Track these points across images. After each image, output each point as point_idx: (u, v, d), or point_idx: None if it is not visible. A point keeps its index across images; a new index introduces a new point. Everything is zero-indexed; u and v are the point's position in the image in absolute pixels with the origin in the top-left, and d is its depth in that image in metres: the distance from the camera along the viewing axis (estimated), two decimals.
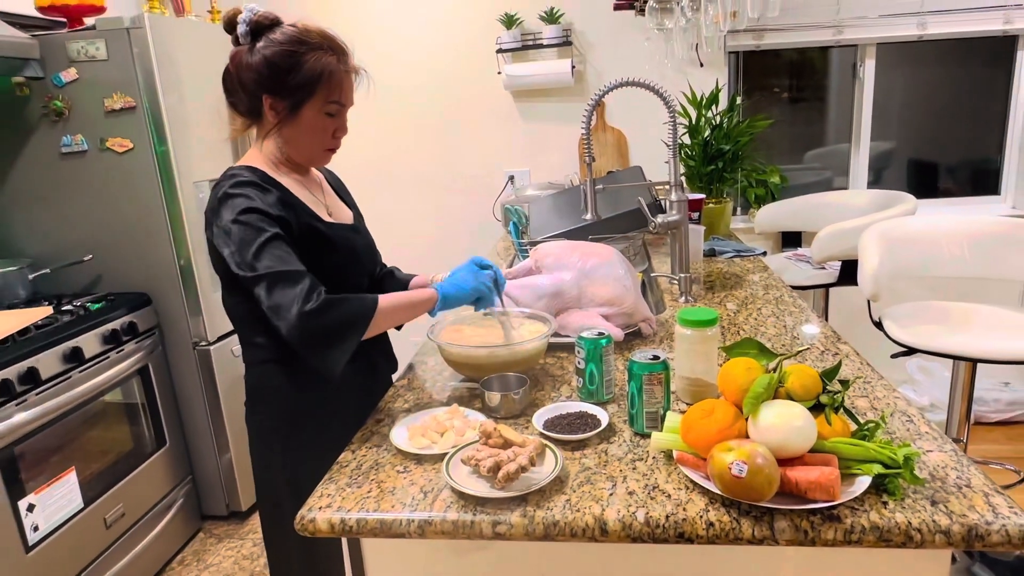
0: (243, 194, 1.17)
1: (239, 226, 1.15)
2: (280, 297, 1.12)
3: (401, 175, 3.26)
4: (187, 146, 2.34)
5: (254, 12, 1.21)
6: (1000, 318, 2.00)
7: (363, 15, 3.10)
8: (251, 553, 2.44)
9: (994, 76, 3.03)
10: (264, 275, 1.12)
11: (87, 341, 2.08)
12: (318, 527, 0.92)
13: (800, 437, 0.88)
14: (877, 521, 0.82)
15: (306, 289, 1.12)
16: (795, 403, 0.92)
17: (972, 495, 0.86)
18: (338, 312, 1.14)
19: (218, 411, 2.49)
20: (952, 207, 3.13)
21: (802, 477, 0.85)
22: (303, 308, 1.10)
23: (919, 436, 1.02)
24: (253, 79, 1.21)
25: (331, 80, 1.22)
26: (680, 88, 2.93)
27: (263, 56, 1.19)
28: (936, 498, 0.86)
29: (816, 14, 2.91)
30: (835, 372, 0.98)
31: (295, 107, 1.22)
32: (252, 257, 1.13)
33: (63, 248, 2.38)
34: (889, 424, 1.06)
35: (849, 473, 0.88)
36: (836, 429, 0.92)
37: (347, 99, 1.27)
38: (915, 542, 0.81)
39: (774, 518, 0.84)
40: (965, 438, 2.10)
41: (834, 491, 0.83)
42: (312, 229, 1.25)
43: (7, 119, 2.30)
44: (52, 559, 1.92)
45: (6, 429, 1.78)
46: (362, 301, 1.18)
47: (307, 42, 1.21)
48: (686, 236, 1.75)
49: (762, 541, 0.83)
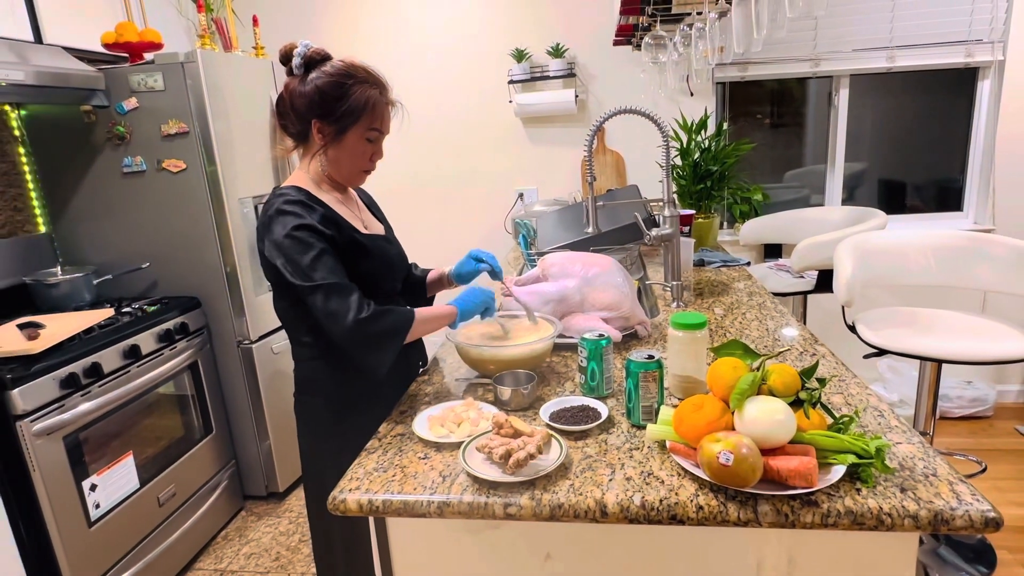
0: (292, 212, 1.19)
1: (292, 240, 1.17)
2: (336, 305, 1.15)
3: (424, 192, 3.27)
4: (233, 166, 2.36)
5: (308, 47, 1.23)
6: (963, 322, 1.98)
7: (390, 51, 3.12)
8: (287, 530, 2.45)
9: (957, 104, 3.00)
10: (321, 285, 1.15)
11: (144, 339, 2.10)
12: (348, 507, 0.93)
13: (781, 429, 0.87)
14: (851, 506, 0.81)
15: (359, 299, 1.16)
16: (777, 399, 0.91)
17: (938, 483, 0.85)
18: (385, 322, 1.18)
19: (259, 402, 2.50)
20: (919, 222, 3.10)
21: (783, 465, 0.84)
22: (358, 316, 1.14)
23: (889, 429, 1.01)
24: (305, 105, 1.22)
25: (374, 110, 1.24)
26: (672, 115, 2.93)
27: (315, 86, 1.21)
28: (905, 486, 0.85)
29: (795, 49, 2.90)
30: (813, 371, 0.97)
31: (341, 132, 1.24)
32: (308, 268, 1.16)
33: (124, 256, 2.41)
34: (862, 418, 1.05)
35: (826, 463, 0.87)
36: (814, 422, 0.91)
37: (385, 127, 1.29)
38: (886, 525, 0.80)
39: (758, 502, 0.83)
40: (931, 432, 2.08)
41: (812, 478, 0.82)
42: (353, 240, 1.27)
43: (77, 143, 2.33)
44: (111, 534, 1.94)
45: (72, 417, 1.80)
46: (403, 313, 1.22)
47: (354, 75, 1.23)
48: (678, 248, 1.74)
49: (747, 523, 0.82)
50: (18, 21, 2.03)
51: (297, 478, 2.71)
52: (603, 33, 2.94)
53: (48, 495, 1.74)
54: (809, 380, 0.96)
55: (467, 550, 0.97)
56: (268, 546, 2.36)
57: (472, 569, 0.97)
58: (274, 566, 2.24)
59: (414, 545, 0.98)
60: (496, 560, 0.96)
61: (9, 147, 2.35)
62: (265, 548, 2.34)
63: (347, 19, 3.11)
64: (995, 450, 2.71)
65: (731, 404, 0.92)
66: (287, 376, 1.39)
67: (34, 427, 1.70)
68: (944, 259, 2.09)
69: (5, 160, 2.33)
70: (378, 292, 1.33)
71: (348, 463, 1.08)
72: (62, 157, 2.36)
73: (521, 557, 0.95)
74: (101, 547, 1.90)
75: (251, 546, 2.36)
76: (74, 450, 1.82)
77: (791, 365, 1.05)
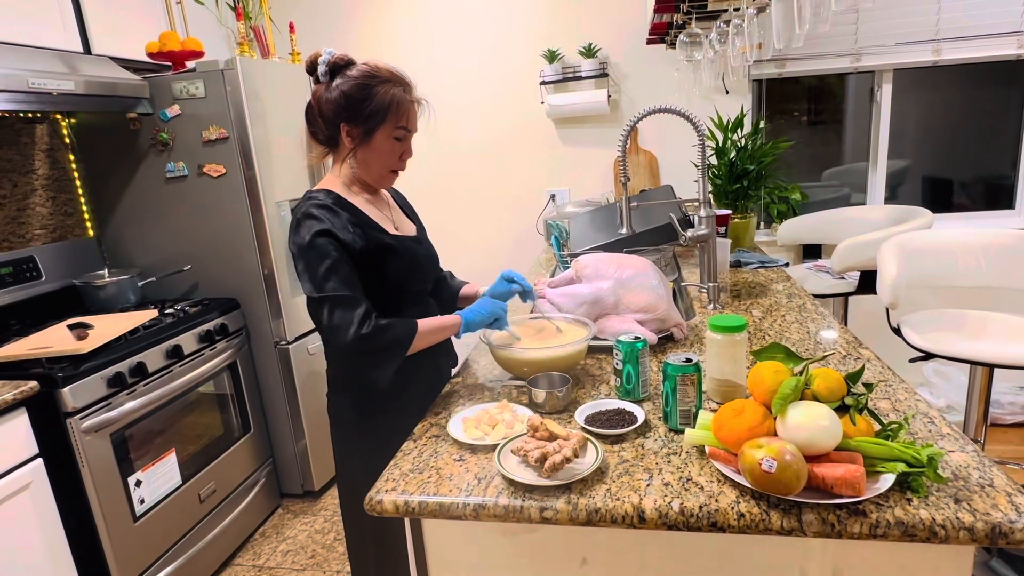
0: (318, 216, 1.21)
1: (311, 249, 1.19)
2: (340, 319, 1.17)
3: (457, 193, 3.29)
4: (271, 171, 2.41)
5: (331, 55, 1.25)
6: (1015, 325, 1.89)
7: (424, 54, 3.14)
8: (323, 528, 2.48)
9: (1008, 97, 2.88)
10: (327, 297, 1.17)
11: (186, 340, 2.15)
12: (384, 508, 0.93)
13: (826, 436, 0.84)
14: (902, 516, 0.78)
15: (363, 314, 1.17)
16: (821, 404, 0.88)
17: (995, 494, 0.81)
18: (386, 337, 1.19)
19: (295, 401, 2.54)
20: (967, 221, 2.98)
21: (828, 473, 0.81)
22: (359, 331, 1.16)
23: (941, 437, 0.97)
24: (332, 110, 1.24)
25: (399, 108, 1.25)
26: (707, 113, 2.88)
27: (341, 91, 1.23)
28: (959, 496, 0.81)
29: (836, 43, 2.82)
30: (859, 375, 0.94)
31: (368, 132, 1.25)
32: (321, 278, 1.18)
33: (167, 259, 2.48)
34: (911, 425, 1.01)
35: (874, 471, 0.84)
36: (860, 429, 0.88)
37: (412, 125, 1.29)
38: (939, 538, 0.77)
39: (802, 511, 0.81)
40: (983, 439, 1.99)
41: (860, 487, 0.79)
42: (379, 242, 1.27)
43: (122, 149, 2.41)
44: (155, 528, 1.99)
45: (119, 415, 1.86)
46: (406, 326, 1.22)
47: (377, 76, 1.24)
48: (714, 248, 1.71)
49: (790, 532, 0.80)
50: (68, 32, 2.11)
51: (332, 477, 2.75)
52: (636, 32, 2.91)
53: (96, 490, 1.79)
54: (855, 385, 0.93)
55: (503, 553, 0.96)
56: (304, 543, 2.39)
57: (508, 572, 0.97)
58: (310, 563, 2.27)
59: (449, 547, 0.98)
60: (532, 564, 0.95)
61: (60, 154, 2.44)
62: (301, 545, 2.38)
63: (380, 24, 3.15)
64: None
65: (773, 409, 0.89)
66: (322, 376, 1.41)
67: (83, 424, 1.76)
68: (995, 259, 2.00)
69: (56, 167, 2.42)
70: (405, 293, 1.33)
71: (376, 463, 1.09)
72: (109, 163, 2.44)
73: (557, 562, 0.94)
74: (146, 541, 1.95)
75: (288, 543, 2.40)
76: (120, 447, 1.88)
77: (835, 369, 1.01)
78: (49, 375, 1.71)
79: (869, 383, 0.93)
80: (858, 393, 0.92)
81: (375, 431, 1.34)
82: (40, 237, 2.35)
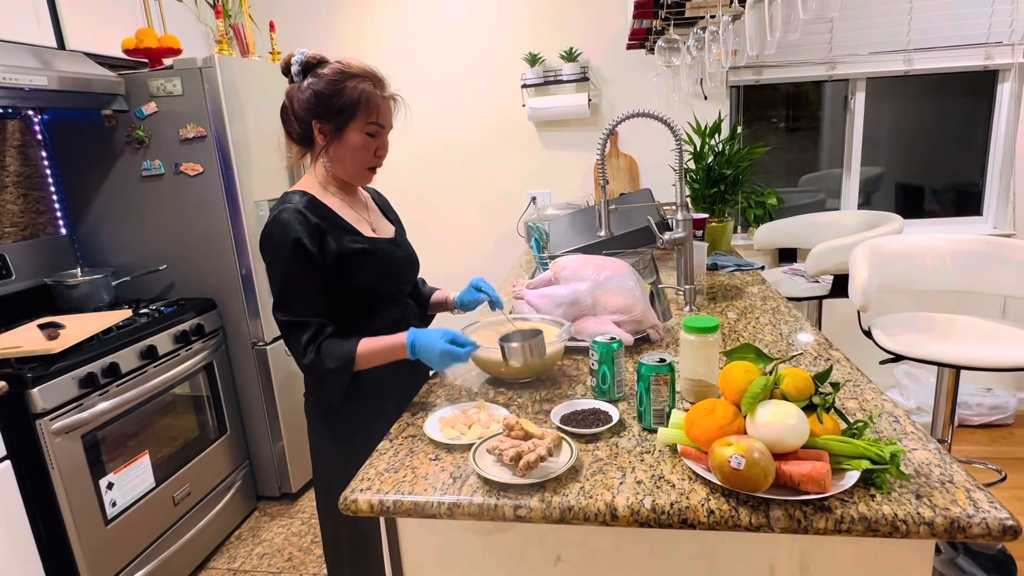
0: (287, 222, 1.22)
1: (273, 263, 1.24)
2: (292, 345, 1.26)
3: (437, 195, 3.29)
4: (249, 170, 2.39)
5: (304, 55, 1.26)
6: (982, 328, 1.95)
7: (406, 55, 3.14)
8: (299, 530, 2.46)
9: (976, 106, 2.96)
10: (283, 322, 1.25)
11: (161, 340, 2.13)
12: (359, 507, 0.93)
13: (794, 434, 0.86)
14: (865, 512, 0.80)
15: (307, 340, 1.24)
16: (789, 403, 0.90)
17: (955, 490, 0.84)
18: (330, 359, 1.24)
19: (272, 403, 2.52)
20: (937, 226, 3.05)
21: (795, 470, 0.83)
22: (303, 360, 1.25)
23: (905, 435, 0.99)
24: (304, 107, 1.25)
25: (369, 104, 1.25)
26: (686, 118, 2.92)
27: (312, 89, 1.24)
28: (920, 492, 0.84)
29: (811, 52, 2.88)
30: (827, 375, 0.96)
31: (340, 128, 1.25)
32: (277, 299, 1.25)
33: (142, 258, 2.45)
34: (877, 424, 1.03)
35: (839, 468, 0.86)
36: (827, 427, 0.90)
37: (386, 121, 1.29)
38: (900, 532, 0.79)
39: (770, 507, 0.83)
40: (949, 439, 2.04)
41: (825, 484, 0.81)
42: (351, 247, 1.27)
43: (97, 147, 2.37)
44: (127, 531, 1.96)
45: (90, 416, 1.83)
46: (349, 348, 1.25)
47: (348, 73, 1.25)
48: (691, 251, 1.73)
49: (758, 528, 0.82)
50: (42, 28, 2.07)
51: (309, 479, 2.73)
52: (616, 37, 2.94)
53: (66, 493, 1.76)
54: (823, 384, 0.95)
55: (477, 552, 0.97)
56: (281, 546, 2.37)
57: (482, 571, 0.97)
58: (286, 566, 2.25)
59: (424, 546, 0.99)
60: (506, 562, 0.96)
61: (32, 151, 2.39)
62: (278, 548, 2.36)
63: (362, 24, 3.14)
64: (1016, 459, 2.66)
65: (743, 408, 0.91)
66: (299, 377, 1.41)
67: (53, 425, 1.73)
68: (963, 264, 2.06)
69: (28, 164, 2.38)
70: (381, 296, 1.34)
71: (352, 464, 1.09)
72: (83, 160, 2.40)
73: (531, 560, 0.95)
74: (117, 545, 1.92)
75: (264, 546, 2.38)
76: (92, 449, 1.85)
77: (804, 369, 1.04)
78: (18, 375, 1.68)
79: (836, 383, 0.96)
80: (825, 392, 0.94)
81: (351, 433, 1.33)
82: (10, 235, 2.30)
